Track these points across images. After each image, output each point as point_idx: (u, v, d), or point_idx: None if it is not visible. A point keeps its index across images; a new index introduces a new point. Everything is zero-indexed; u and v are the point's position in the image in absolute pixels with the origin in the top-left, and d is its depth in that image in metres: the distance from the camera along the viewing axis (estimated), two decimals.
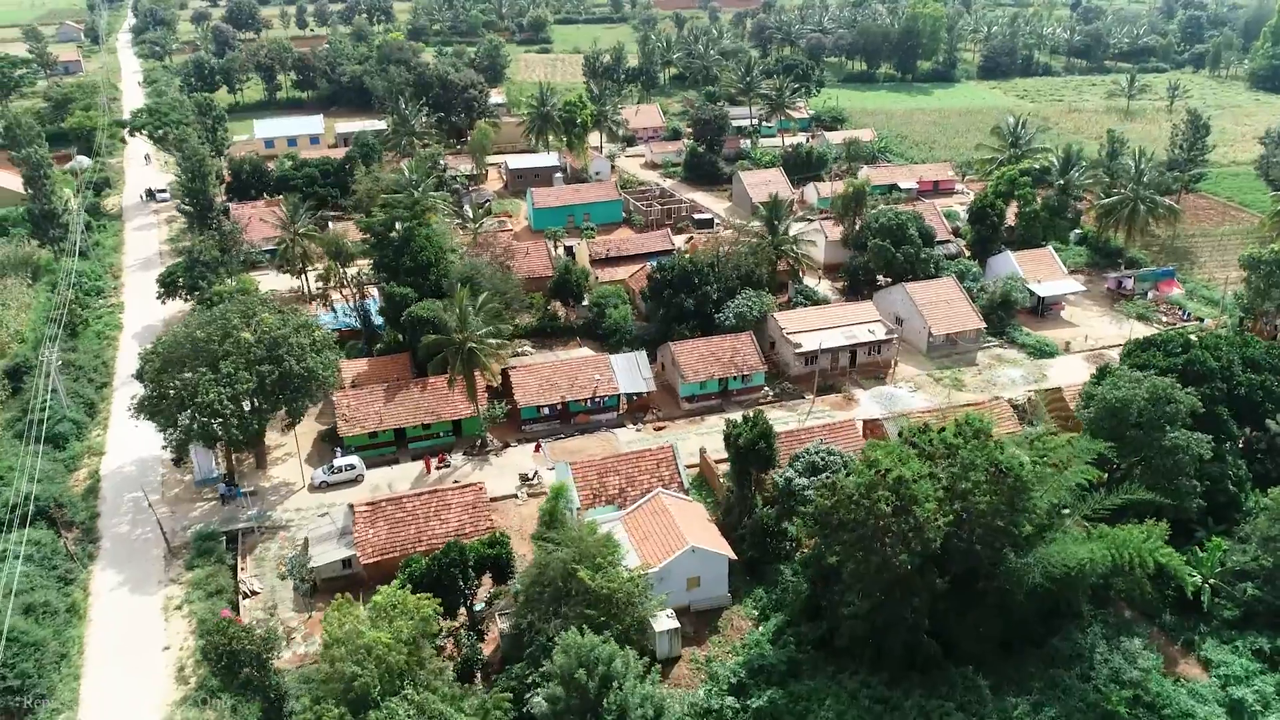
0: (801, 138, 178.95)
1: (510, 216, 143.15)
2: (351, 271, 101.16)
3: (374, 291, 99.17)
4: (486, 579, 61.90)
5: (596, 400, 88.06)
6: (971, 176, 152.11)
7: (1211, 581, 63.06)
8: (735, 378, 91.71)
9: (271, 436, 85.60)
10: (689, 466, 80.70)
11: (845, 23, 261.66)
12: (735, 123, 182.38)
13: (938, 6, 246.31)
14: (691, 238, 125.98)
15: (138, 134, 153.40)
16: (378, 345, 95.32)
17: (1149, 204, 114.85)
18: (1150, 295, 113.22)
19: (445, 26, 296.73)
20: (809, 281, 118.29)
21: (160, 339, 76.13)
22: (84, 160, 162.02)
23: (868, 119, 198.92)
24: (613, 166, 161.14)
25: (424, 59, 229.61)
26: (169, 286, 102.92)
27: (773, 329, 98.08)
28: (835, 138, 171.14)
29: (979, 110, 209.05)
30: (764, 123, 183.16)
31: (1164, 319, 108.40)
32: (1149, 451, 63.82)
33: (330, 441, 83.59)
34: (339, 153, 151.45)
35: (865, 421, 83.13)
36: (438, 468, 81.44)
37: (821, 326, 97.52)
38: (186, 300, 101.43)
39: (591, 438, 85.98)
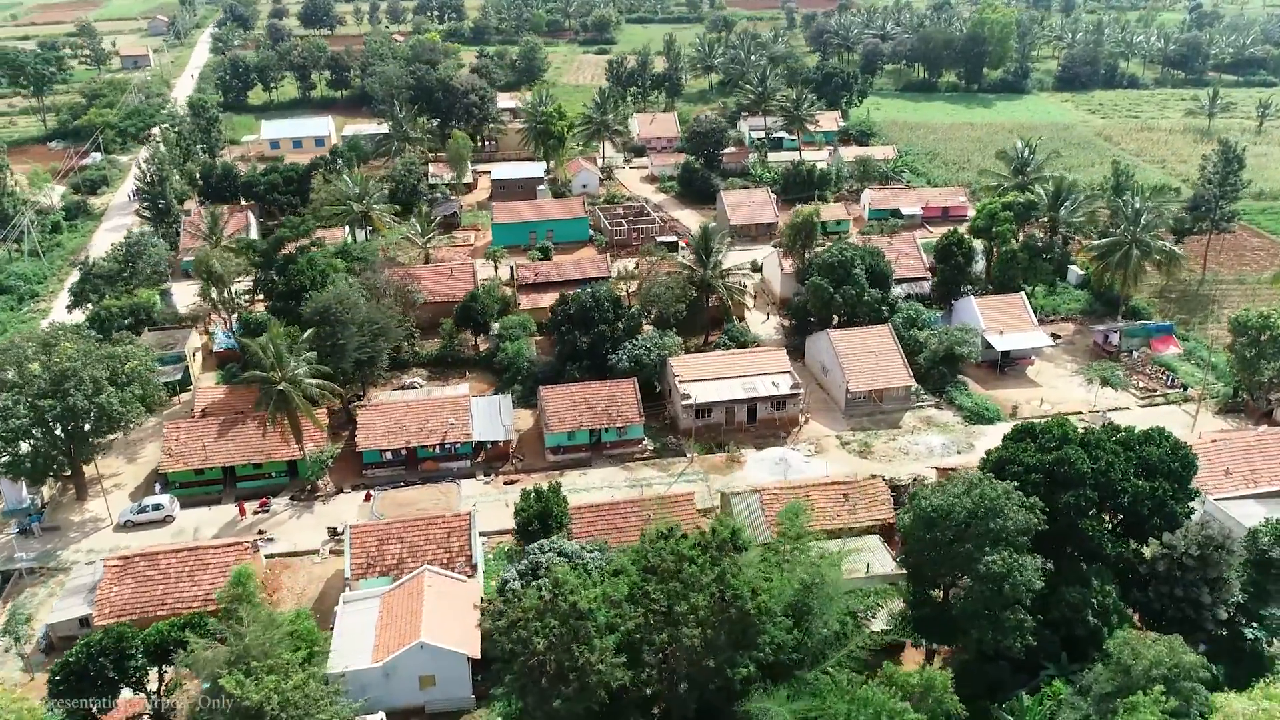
0: (823, 153, 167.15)
1: (480, 229, 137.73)
2: (240, 288, 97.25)
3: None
4: None
5: (447, 447, 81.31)
6: None
7: None
8: (609, 429, 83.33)
9: (114, 464, 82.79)
10: (511, 532, 73.23)
11: (912, 27, 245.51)
12: (756, 134, 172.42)
13: (1008, 11, 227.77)
14: (638, 263, 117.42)
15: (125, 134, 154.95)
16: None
17: (1143, 248, 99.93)
18: (1136, 354, 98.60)
19: (510, 25, 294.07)
20: (756, 319, 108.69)
21: None
22: (97, 157, 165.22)
23: (906, 133, 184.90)
24: (602, 179, 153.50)
25: (463, 59, 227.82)
26: (79, 297, 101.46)
27: (670, 376, 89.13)
28: (858, 153, 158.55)
29: (1037, 126, 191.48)
30: (789, 136, 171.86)
31: (1140, 384, 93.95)
32: (970, 576, 52.86)
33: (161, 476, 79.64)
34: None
35: (723, 494, 73.53)
36: (256, 512, 76.42)
37: (721, 376, 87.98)
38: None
39: (430, 489, 79.29)
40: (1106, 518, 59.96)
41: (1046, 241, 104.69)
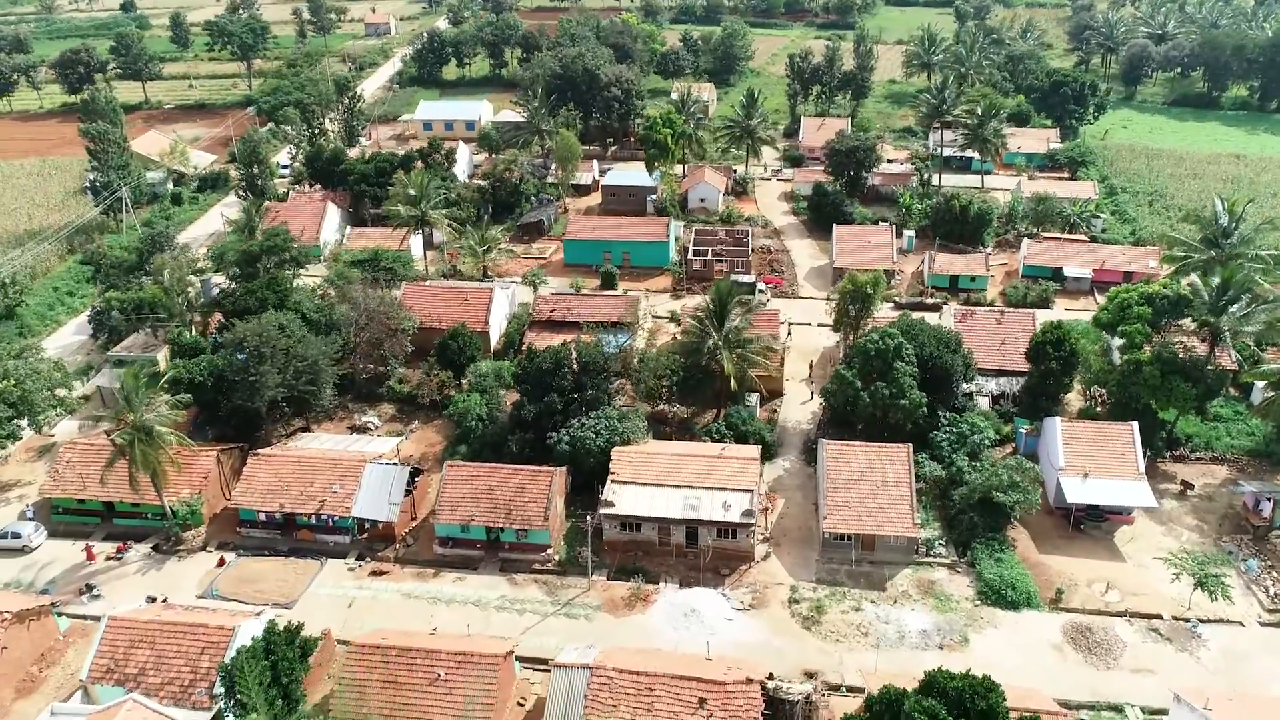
0: (1013, 181, 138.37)
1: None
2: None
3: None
4: None
5: (322, 518, 71.08)
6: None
7: None
8: (506, 528, 69.20)
9: (36, 470, 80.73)
10: None
11: (1206, 25, 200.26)
12: (946, 152, 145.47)
13: None
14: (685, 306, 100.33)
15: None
16: None
17: None
18: None
19: (745, 4, 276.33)
20: (799, 394, 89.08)
21: None
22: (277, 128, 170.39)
23: (1143, 163, 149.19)
24: (725, 193, 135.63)
25: (666, 41, 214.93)
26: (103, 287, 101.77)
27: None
28: (1041, 187, 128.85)
29: None
30: (978, 157, 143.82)
31: (1266, 589, 64.89)
32: None
33: None
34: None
35: (555, 666, 57.06)
36: (110, 558, 70.49)
37: (664, 481, 70.58)
38: None
39: (286, 565, 69.52)
40: None
41: (1191, 355, 75.59)
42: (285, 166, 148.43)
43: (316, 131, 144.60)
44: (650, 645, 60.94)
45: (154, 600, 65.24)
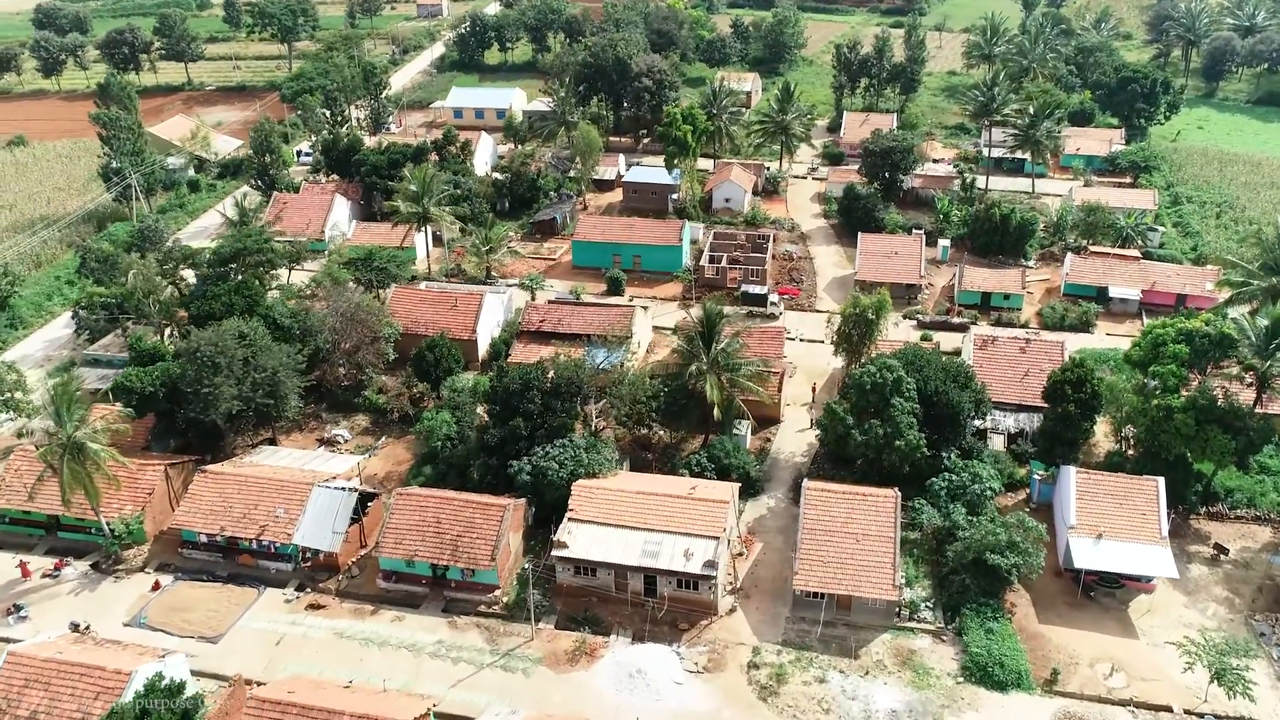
0: (1068, 186, 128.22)
1: None
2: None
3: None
4: None
5: (263, 544, 67.06)
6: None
7: None
8: (451, 566, 64.26)
9: None
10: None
11: None
12: (996, 153, 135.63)
13: None
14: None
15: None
16: None
17: None
18: None
19: None
20: (799, 421, 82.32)
21: None
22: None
23: (1215, 169, 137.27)
24: (753, 193, 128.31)
25: (716, 26, 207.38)
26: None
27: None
28: (1094, 195, 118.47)
29: None
30: (1033, 160, 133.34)
31: None
32: None
33: None
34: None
35: None
36: (47, 574, 67.58)
37: (625, 522, 64.75)
38: None
39: (223, 592, 65.70)
40: None
41: (1232, 402, 66.69)
42: (306, 154, 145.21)
43: (339, 119, 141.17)
44: (586, 710, 55.73)
45: (76, 627, 62.07)
